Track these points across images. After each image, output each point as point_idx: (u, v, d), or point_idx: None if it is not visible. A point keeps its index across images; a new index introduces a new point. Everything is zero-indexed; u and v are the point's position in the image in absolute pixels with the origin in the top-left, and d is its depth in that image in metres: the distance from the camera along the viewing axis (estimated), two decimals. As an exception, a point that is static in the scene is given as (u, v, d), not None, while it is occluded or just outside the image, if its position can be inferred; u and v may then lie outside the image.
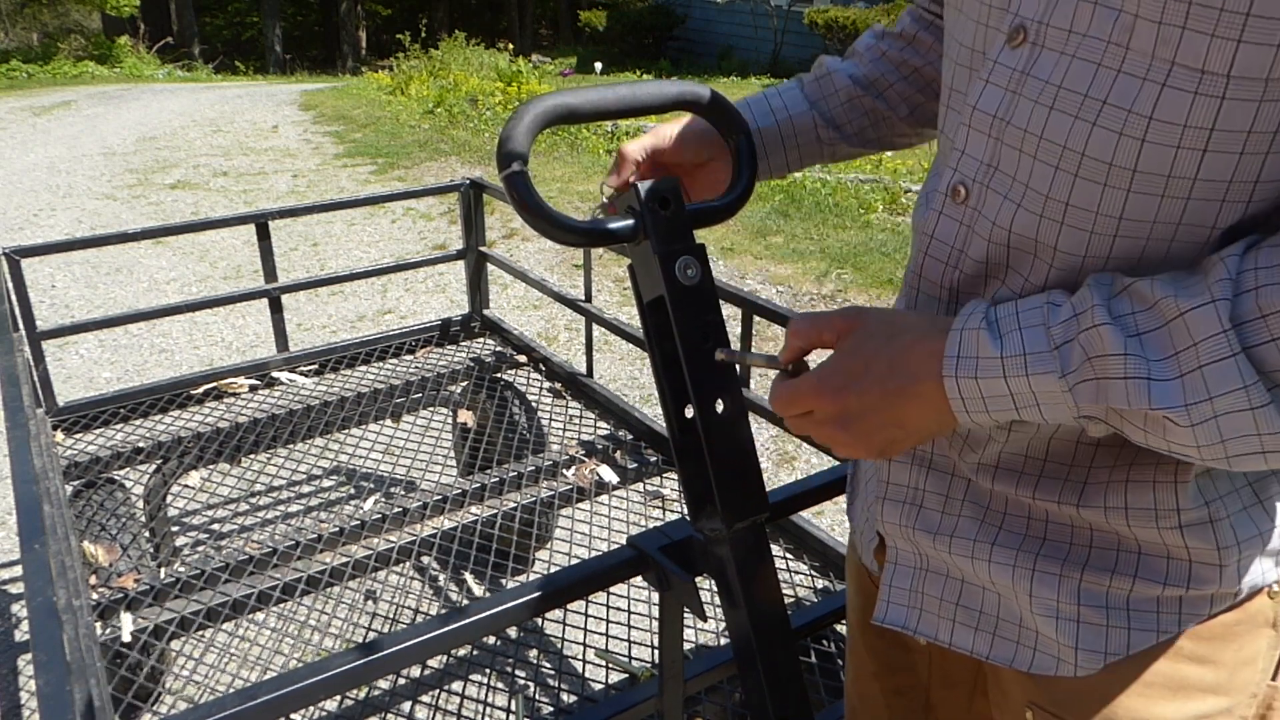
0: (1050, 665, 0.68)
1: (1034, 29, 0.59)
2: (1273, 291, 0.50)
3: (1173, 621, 0.65)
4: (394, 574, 2.19)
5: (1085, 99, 0.56)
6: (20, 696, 2.06)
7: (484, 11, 25.92)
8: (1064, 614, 0.66)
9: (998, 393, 0.58)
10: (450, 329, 2.61)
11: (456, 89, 10.74)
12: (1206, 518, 0.62)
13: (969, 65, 0.66)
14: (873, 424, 0.63)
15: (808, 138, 0.92)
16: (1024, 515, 0.68)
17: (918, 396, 0.61)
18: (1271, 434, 0.51)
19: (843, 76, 0.91)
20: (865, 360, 0.63)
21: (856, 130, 0.92)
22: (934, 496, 0.72)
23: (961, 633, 0.73)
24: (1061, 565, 0.66)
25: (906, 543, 0.75)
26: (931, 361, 0.60)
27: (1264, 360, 0.50)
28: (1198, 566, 0.63)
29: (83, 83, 14.62)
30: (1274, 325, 0.50)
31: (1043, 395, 0.57)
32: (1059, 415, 0.57)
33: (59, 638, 0.83)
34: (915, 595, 0.75)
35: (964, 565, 0.71)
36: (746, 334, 1.75)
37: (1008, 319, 0.58)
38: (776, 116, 0.91)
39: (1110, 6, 0.54)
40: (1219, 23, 0.49)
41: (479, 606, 0.93)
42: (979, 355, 0.58)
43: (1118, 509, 0.63)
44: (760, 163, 0.91)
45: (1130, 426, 0.55)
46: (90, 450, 2.05)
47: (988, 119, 0.62)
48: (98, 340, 4.03)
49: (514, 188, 0.73)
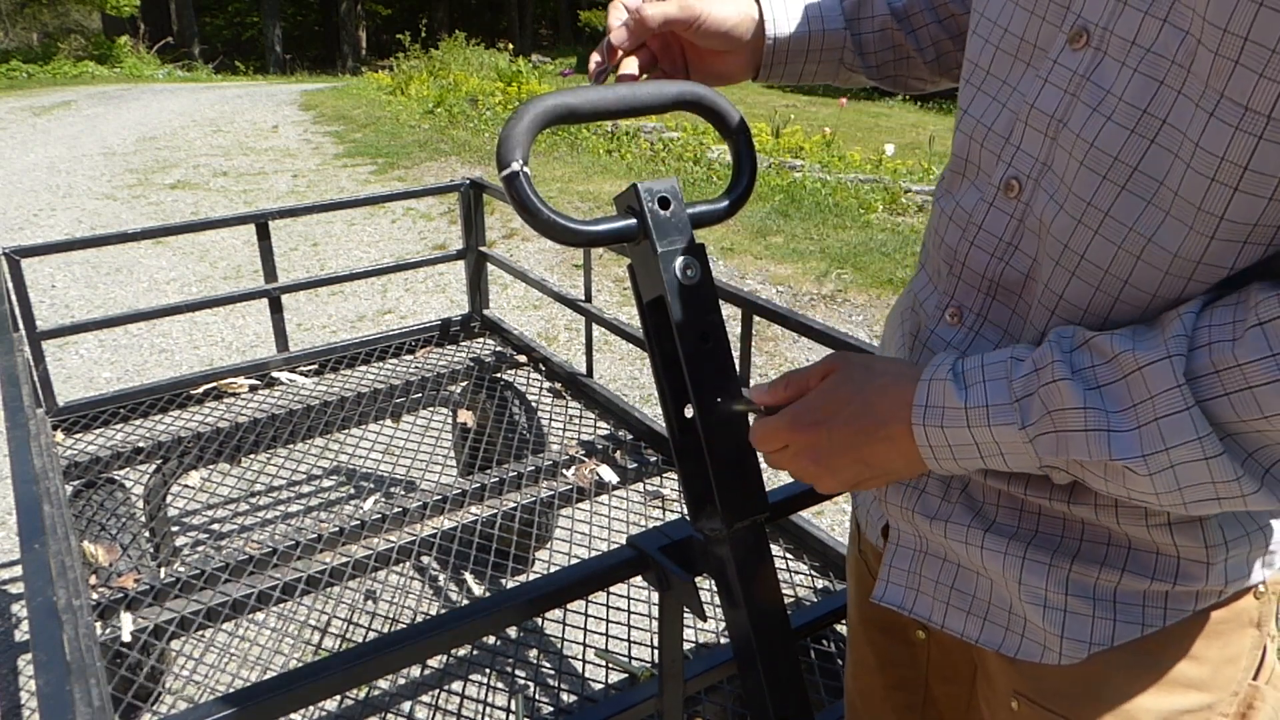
0: (1036, 652, 0.69)
1: (1097, 34, 0.58)
2: (1224, 348, 0.52)
3: (1158, 615, 0.66)
4: (394, 574, 2.19)
5: (1144, 114, 0.55)
6: (20, 696, 2.06)
7: (484, 11, 25.92)
8: (1051, 602, 0.67)
9: (963, 441, 0.60)
10: (450, 329, 2.61)
11: (456, 89, 10.75)
12: (1195, 516, 0.62)
13: (1016, 55, 0.65)
14: (842, 461, 0.66)
15: (832, 56, 0.87)
16: (1017, 509, 0.69)
17: (887, 439, 0.64)
18: (1224, 482, 0.53)
19: (883, 2, 0.86)
20: (840, 400, 0.66)
21: (879, 63, 0.88)
22: (935, 483, 0.73)
23: (954, 616, 0.74)
24: (1051, 555, 0.67)
25: (908, 525, 0.76)
26: (902, 408, 0.63)
27: (1216, 413, 0.52)
28: (1185, 563, 0.64)
29: (83, 83, 14.62)
30: (1226, 380, 0.52)
31: (1006, 446, 0.59)
32: (1023, 464, 0.60)
33: (59, 638, 0.83)
34: (913, 576, 0.76)
35: (959, 550, 0.72)
36: (746, 334, 1.75)
37: (973, 371, 0.61)
38: (811, 25, 0.85)
39: (1178, 27, 0.53)
40: (1269, 64, 0.48)
41: (479, 606, 0.93)
42: (945, 405, 0.61)
43: (1107, 507, 0.64)
44: (771, 69, 0.86)
45: (1091, 475, 0.57)
46: (90, 450, 2.05)
47: (1045, 119, 0.62)
48: (98, 340, 4.03)
49: (513, 188, 0.73)
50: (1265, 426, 0.52)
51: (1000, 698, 0.73)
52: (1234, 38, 0.49)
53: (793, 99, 11.92)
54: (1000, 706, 0.73)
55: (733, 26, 0.83)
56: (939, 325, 0.71)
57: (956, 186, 0.71)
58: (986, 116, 0.67)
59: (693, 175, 7.05)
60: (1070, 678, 0.68)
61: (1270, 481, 0.54)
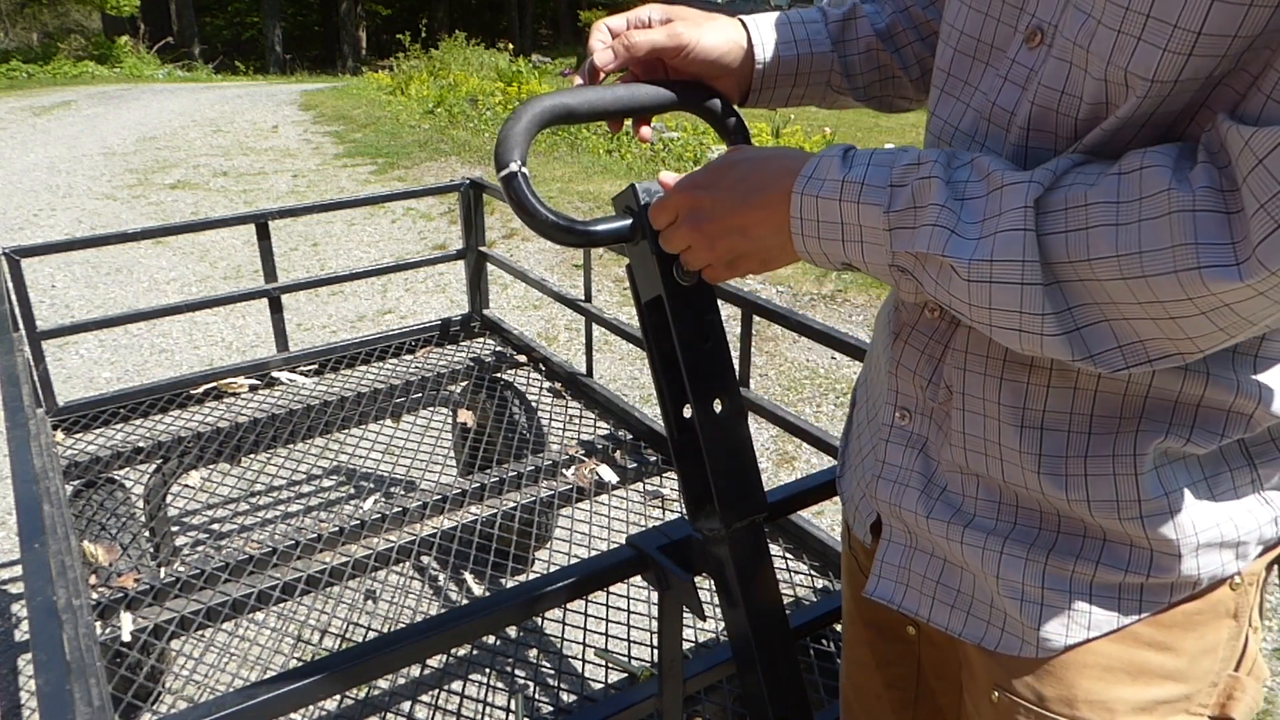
0: (1015, 645, 0.70)
1: (1050, 32, 0.60)
2: (1079, 190, 0.54)
3: (1133, 607, 0.67)
4: (394, 574, 2.19)
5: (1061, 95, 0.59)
6: (20, 696, 2.06)
7: (484, 11, 25.92)
8: (1029, 596, 0.68)
9: (830, 218, 0.62)
10: (450, 329, 2.62)
11: (456, 89, 10.75)
12: (1167, 509, 0.63)
13: (974, 56, 0.67)
14: (721, 227, 0.69)
15: (819, 79, 0.87)
16: (996, 500, 0.70)
17: (764, 206, 0.66)
18: (1030, 314, 0.55)
19: (867, 24, 0.86)
20: (729, 168, 0.68)
21: (865, 84, 0.88)
22: (919, 477, 0.74)
23: (939, 610, 0.75)
24: (1028, 549, 0.68)
25: (897, 520, 0.77)
26: (785, 178, 0.65)
27: (1050, 250, 0.54)
28: (1158, 555, 0.65)
29: (83, 83, 14.63)
30: (1071, 218, 0.53)
31: (867, 231, 0.61)
32: (877, 258, 0.61)
33: (59, 637, 0.83)
34: (903, 572, 0.77)
35: (941, 544, 0.73)
36: (746, 334, 1.75)
37: (863, 155, 0.63)
38: (799, 49, 0.85)
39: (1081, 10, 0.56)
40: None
41: (479, 606, 0.93)
42: (826, 177, 0.63)
43: (1080, 500, 0.65)
44: (760, 92, 0.86)
45: (927, 277, 0.59)
46: (90, 450, 2.05)
47: (1005, 115, 0.64)
48: (98, 340, 4.03)
49: (512, 188, 0.73)
50: (1088, 274, 0.53)
51: (982, 690, 0.74)
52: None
53: (793, 99, 11.91)
54: (982, 698, 0.74)
55: (721, 55, 0.82)
56: (919, 320, 0.73)
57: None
58: (952, 117, 0.69)
59: (693, 175, 7.04)
60: (1047, 669, 0.69)
61: (1076, 340, 0.55)
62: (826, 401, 3.46)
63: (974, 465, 0.70)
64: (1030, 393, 0.65)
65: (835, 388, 3.56)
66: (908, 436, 0.75)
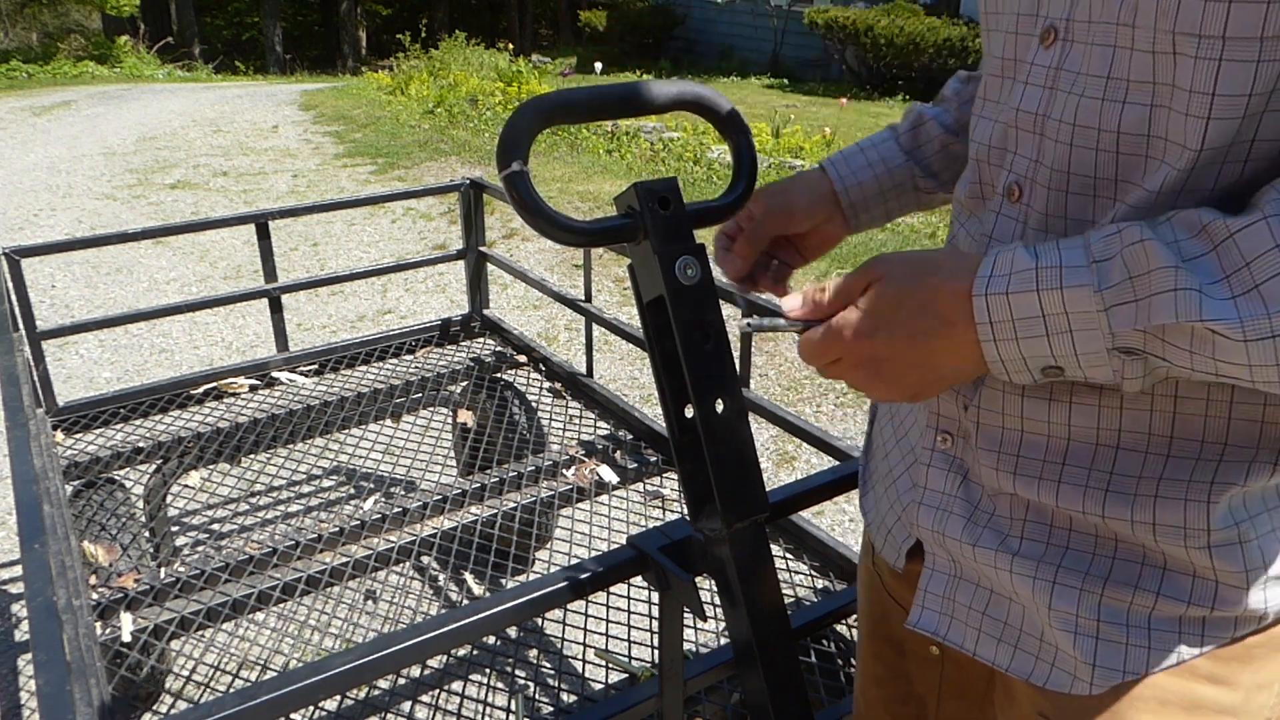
0: (1065, 682, 0.67)
1: (1063, 26, 0.61)
2: None
3: (1195, 641, 0.64)
4: (394, 574, 2.18)
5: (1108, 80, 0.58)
6: (20, 696, 2.06)
7: (484, 11, 25.91)
8: (1083, 629, 0.65)
9: (1028, 312, 0.55)
10: (450, 329, 2.61)
11: (456, 89, 10.75)
12: (1236, 538, 0.61)
13: (1001, 74, 0.69)
14: (902, 366, 0.62)
15: (904, 189, 0.91)
16: (1046, 523, 0.67)
17: (947, 336, 0.60)
18: None
19: (935, 125, 0.90)
20: (894, 302, 0.61)
21: (949, 178, 0.91)
22: (963, 503, 0.72)
23: (985, 643, 0.72)
24: (1083, 579, 0.65)
25: (941, 549, 0.74)
26: (961, 301, 0.58)
27: None
28: (1224, 588, 0.62)
29: (83, 83, 14.62)
30: None
31: (1076, 316, 0.54)
32: (1091, 345, 0.55)
33: (59, 638, 0.83)
34: (948, 603, 0.74)
35: (989, 574, 0.70)
36: (746, 334, 1.75)
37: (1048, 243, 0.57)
38: (875, 170, 0.90)
39: None
40: None
41: (479, 606, 0.93)
42: (1012, 271, 0.56)
43: (1145, 524, 0.62)
44: (859, 217, 0.91)
45: (1174, 349, 0.52)
46: (90, 450, 2.05)
47: (1031, 117, 0.64)
48: (98, 340, 4.03)
49: (514, 187, 0.73)
50: None
51: (1024, 714, 0.72)
52: None
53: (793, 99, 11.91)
54: None
55: (817, 209, 0.89)
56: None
57: (979, 209, 0.73)
58: (987, 137, 0.70)
59: (693, 175, 7.05)
60: (1097, 700, 0.66)
61: None
62: (826, 401, 3.47)
63: (1023, 489, 0.67)
64: (1103, 415, 0.63)
65: (835, 388, 3.56)
66: (950, 461, 0.73)
